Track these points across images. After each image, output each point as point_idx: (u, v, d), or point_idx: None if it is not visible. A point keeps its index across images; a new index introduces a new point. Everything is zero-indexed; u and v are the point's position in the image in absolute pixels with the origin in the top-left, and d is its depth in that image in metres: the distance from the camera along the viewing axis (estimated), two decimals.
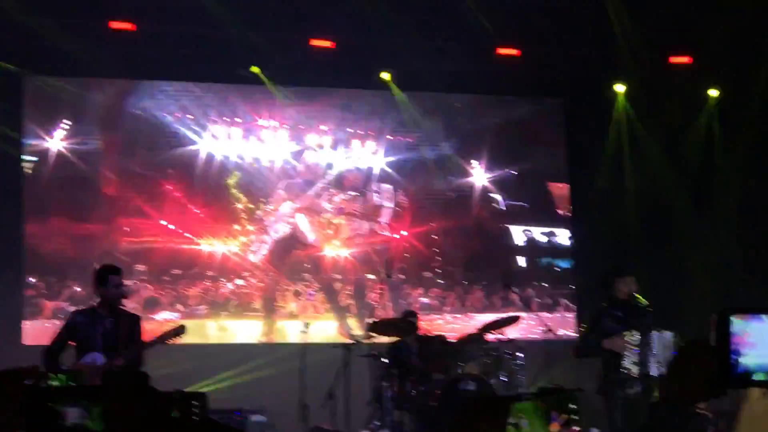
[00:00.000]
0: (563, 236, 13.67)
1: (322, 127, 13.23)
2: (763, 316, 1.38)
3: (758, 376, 1.37)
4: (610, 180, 13.07)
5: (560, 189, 13.73)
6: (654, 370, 8.34)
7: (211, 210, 12.74)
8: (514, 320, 10.80)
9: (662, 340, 8.35)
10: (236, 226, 12.79)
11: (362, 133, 13.31)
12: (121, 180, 12.49)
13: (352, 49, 12.49)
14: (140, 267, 12.40)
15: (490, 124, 13.54)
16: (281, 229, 12.95)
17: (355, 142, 13.30)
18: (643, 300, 8.67)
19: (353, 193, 13.27)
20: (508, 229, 13.57)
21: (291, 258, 12.99)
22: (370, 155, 13.31)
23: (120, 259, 11.42)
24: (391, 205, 13.34)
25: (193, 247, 12.63)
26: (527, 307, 10.75)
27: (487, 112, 13.58)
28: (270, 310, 12.80)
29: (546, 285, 13.35)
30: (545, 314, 12.14)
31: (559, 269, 13.59)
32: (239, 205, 12.83)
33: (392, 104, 13.22)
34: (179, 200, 12.60)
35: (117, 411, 1.52)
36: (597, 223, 12.53)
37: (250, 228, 12.84)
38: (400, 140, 13.38)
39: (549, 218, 13.69)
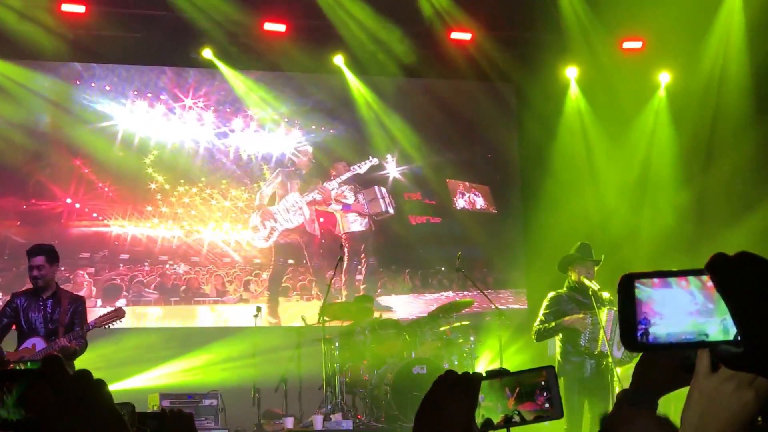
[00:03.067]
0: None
1: (277, 110, 13.15)
2: (671, 280, 1.33)
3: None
4: (560, 166, 13.07)
5: (454, 184, 13.75)
6: (605, 348, 8.39)
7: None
8: (467, 304, 10.83)
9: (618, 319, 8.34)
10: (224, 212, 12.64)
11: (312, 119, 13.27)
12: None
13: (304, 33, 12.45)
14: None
15: (442, 109, 13.50)
16: (294, 219, 12.97)
17: (286, 126, 13.24)
18: (597, 286, 8.62)
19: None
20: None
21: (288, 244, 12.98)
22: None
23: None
24: (392, 212, 13.40)
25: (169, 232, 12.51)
26: (478, 288, 10.75)
27: (437, 97, 13.54)
28: (275, 292, 12.77)
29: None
30: (494, 293, 12.19)
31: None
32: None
33: (343, 89, 13.16)
34: (86, 176, 12.34)
35: (40, 396, 1.41)
36: (547, 212, 12.52)
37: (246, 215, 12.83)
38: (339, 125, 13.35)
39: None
